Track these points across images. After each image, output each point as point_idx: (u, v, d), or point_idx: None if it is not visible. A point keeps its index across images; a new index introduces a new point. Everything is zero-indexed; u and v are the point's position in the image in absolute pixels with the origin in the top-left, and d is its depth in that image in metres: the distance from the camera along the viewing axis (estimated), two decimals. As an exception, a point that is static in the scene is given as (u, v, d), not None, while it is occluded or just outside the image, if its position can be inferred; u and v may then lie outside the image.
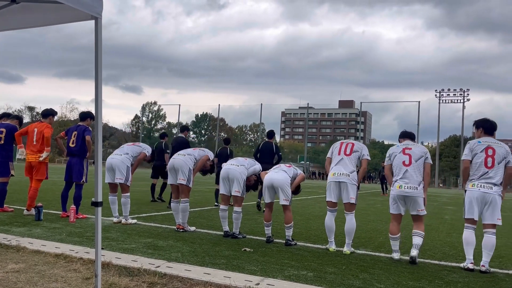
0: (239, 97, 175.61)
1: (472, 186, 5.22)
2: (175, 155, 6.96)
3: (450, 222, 10.55)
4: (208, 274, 4.20)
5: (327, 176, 6.05)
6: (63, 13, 3.24)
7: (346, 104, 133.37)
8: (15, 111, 69.21)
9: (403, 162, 5.51)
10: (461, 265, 5.25)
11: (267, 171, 6.47)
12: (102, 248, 5.04)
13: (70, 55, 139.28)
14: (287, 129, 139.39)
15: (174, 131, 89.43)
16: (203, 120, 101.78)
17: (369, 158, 5.96)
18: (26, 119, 74.09)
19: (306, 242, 6.37)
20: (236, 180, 6.26)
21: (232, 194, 6.35)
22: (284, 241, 6.08)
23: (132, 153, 7.39)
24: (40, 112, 8.00)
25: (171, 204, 6.97)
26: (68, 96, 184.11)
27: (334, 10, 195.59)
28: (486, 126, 5.50)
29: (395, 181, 5.51)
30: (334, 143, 6.33)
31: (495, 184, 5.13)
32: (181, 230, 6.69)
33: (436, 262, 5.52)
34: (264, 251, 5.49)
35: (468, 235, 5.24)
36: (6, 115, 8.50)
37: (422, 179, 5.47)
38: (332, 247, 5.84)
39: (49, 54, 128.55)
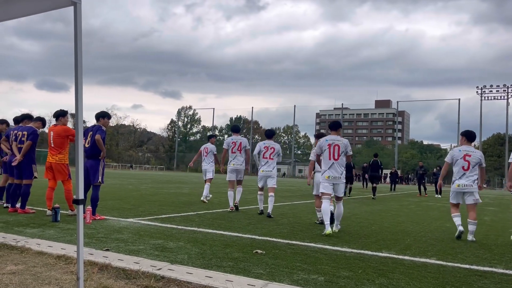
0: (275, 100, 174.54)
1: None
2: (236, 162, 9.77)
3: (489, 224, 9.84)
4: (210, 277, 3.93)
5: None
6: (43, 1, 3.08)
7: (382, 104, 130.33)
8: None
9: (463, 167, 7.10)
10: None
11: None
12: (107, 250, 4.90)
13: (112, 63, 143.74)
14: (322, 131, 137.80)
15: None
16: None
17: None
18: (69, 125, 76.81)
19: (325, 244, 5.99)
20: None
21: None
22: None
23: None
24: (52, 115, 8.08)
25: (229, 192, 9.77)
26: (110, 103, 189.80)
27: (376, 9, 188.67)
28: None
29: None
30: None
31: None
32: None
33: (467, 266, 5.01)
34: (276, 253, 5.17)
35: None
36: (28, 118, 8.58)
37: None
38: (328, 229, 6.73)
39: (93, 62, 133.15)
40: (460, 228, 7.01)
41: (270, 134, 9.62)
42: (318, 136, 8.26)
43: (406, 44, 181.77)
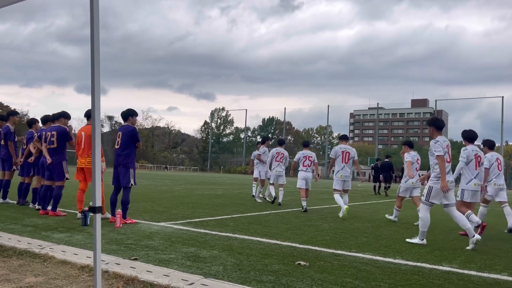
0: (309, 100, 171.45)
1: None
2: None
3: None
4: (249, 295, 3.42)
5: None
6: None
7: (419, 103, 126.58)
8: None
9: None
10: None
11: None
12: (135, 259, 4.48)
13: (148, 67, 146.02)
14: (356, 131, 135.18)
15: (242, 135, 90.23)
16: (270, 124, 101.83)
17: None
18: (106, 128, 78.41)
19: (375, 254, 5.36)
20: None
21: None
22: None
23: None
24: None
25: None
26: (146, 105, 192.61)
27: (415, 6, 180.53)
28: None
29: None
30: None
31: None
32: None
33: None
34: (322, 265, 4.60)
35: None
36: (57, 118, 8.27)
37: None
38: (345, 206, 9.09)
39: (130, 66, 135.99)
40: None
41: (282, 142, 12.24)
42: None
43: (446, 41, 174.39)
